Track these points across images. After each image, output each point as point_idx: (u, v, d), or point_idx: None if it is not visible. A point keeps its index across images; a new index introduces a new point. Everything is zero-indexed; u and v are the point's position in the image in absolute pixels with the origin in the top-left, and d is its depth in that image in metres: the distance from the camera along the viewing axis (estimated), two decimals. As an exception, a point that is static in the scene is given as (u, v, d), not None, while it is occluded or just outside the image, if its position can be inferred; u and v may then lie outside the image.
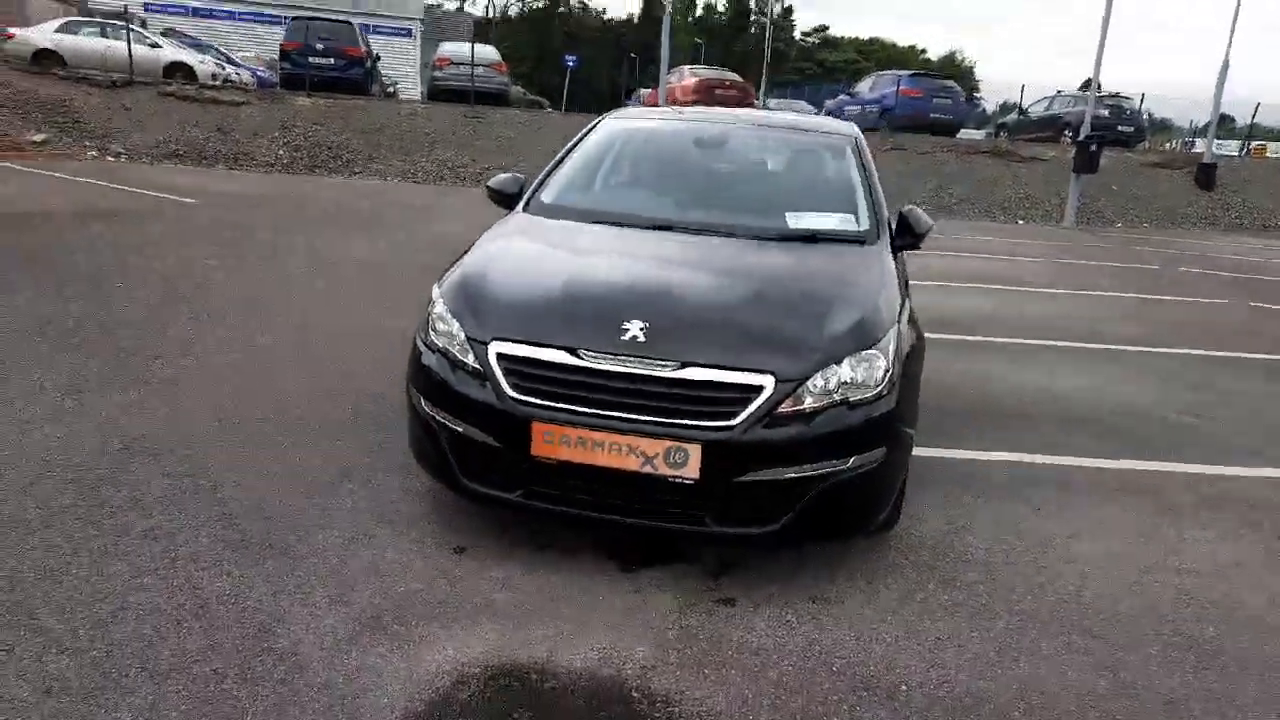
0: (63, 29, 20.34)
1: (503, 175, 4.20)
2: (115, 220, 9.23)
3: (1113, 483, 4.08)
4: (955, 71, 72.79)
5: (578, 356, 2.79)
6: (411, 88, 39.79)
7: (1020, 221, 17.95)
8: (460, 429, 2.91)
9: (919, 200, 18.40)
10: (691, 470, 2.70)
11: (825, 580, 3.00)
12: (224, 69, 21.64)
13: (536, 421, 2.77)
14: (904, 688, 2.46)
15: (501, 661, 2.44)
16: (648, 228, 3.69)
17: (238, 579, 2.74)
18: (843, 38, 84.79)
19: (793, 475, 2.75)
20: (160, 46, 20.88)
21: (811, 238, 3.66)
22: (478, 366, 2.89)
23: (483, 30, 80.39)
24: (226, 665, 2.33)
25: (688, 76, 21.29)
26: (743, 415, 2.71)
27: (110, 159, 14.90)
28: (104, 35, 20.32)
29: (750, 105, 20.86)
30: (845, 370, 2.84)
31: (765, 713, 2.31)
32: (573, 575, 2.91)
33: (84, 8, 35.64)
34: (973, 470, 4.07)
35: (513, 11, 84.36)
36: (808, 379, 2.77)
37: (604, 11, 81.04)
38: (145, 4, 43.59)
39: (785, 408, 2.74)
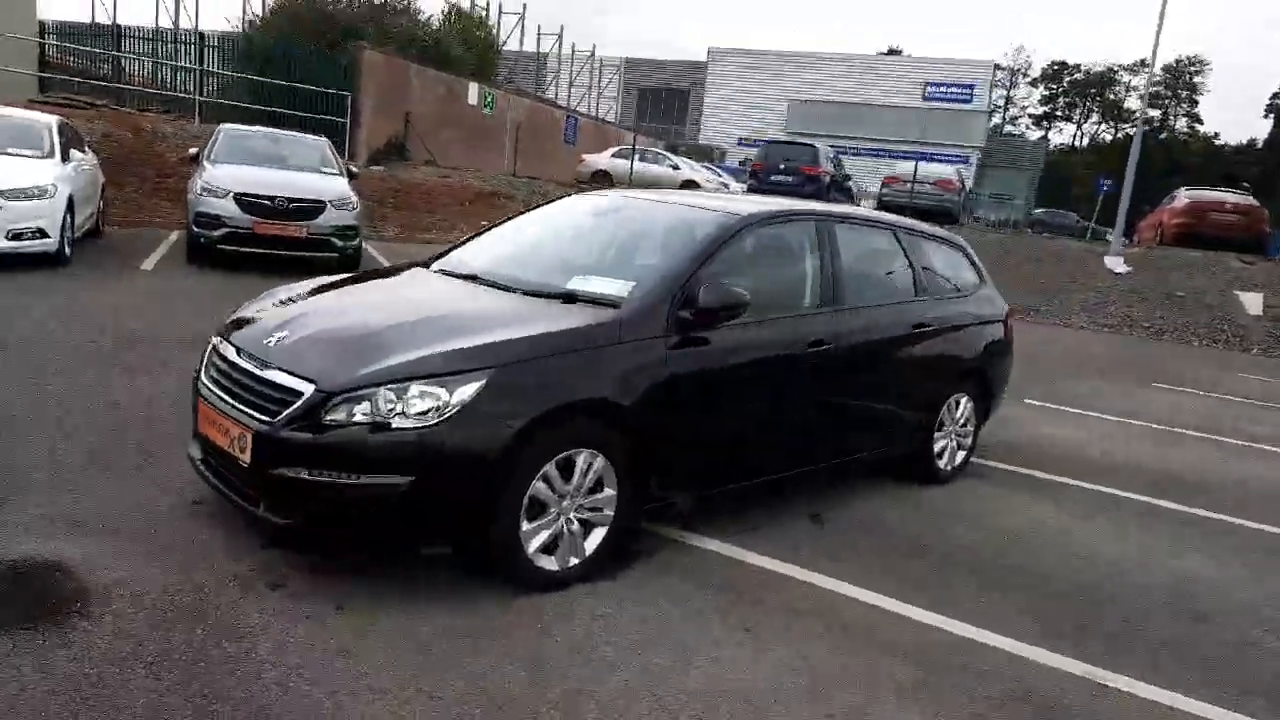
0: (614, 155, 25.66)
1: None
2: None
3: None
4: None
5: (240, 355, 3.47)
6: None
7: None
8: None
9: None
10: (246, 455, 3.18)
11: (367, 601, 3.14)
12: (728, 187, 24.90)
13: (200, 400, 3.52)
14: (246, 673, 2.66)
15: (57, 557, 3.21)
16: (456, 276, 4.14)
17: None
18: None
19: (306, 477, 3.05)
20: (679, 169, 24.97)
21: (569, 297, 3.73)
22: None
23: (1067, 155, 76.90)
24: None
25: (1180, 198, 18.25)
26: (283, 415, 3.11)
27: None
28: (642, 160, 25.17)
29: (1259, 233, 17.05)
30: (400, 397, 3.04)
31: (147, 658, 2.71)
32: (223, 531, 3.52)
33: (678, 144, 43.68)
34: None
35: (1106, 137, 79.17)
36: (345, 393, 3.06)
37: (1216, 135, 71.22)
38: (739, 140, 51.86)
39: (328, 417, 3.07)
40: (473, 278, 4.09)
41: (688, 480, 3.84)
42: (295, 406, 3.09)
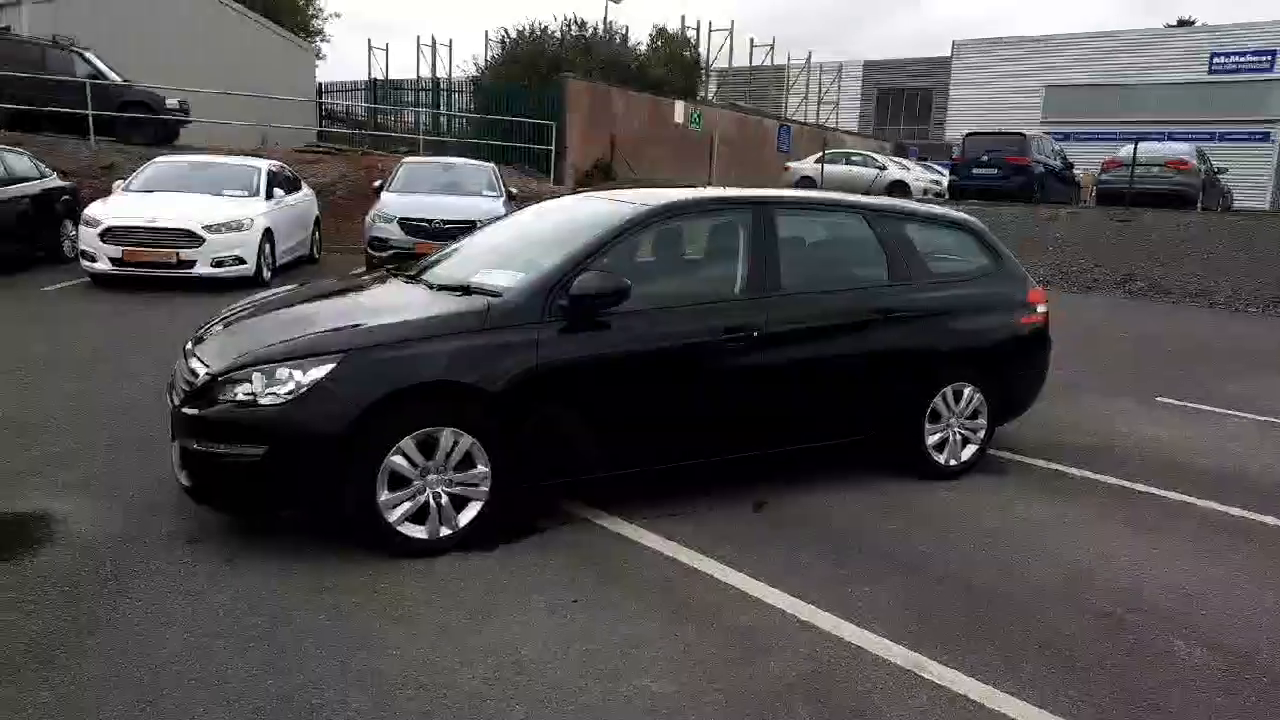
0: (817, 160, 25.26)
1: None
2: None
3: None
4: None
5: (186, 353, 4.08)
6: (1260, 199, 35.81)
7: None
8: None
9: None
10: (170, 431, 3.79)
11: (246, 562, 3.60)
12: (939, 184, 23.67)
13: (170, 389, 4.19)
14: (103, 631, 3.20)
15: (45, 510, 3.97)
16: (407, 278, 4.52)
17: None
18: None
19: (195, 448, 3.57)
20: (886, 169, 24.12)
21: (466, 289, 4.00)
22: None
23: None
24: None
25: None
26: (185, 395, 3.67)
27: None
28: (847, 163, 24.65)
29: None
30: (270, 377, 3.49)
31: (45, 590, 3.35)
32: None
33: (909, 144, 42.07)
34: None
35: None
36: (226, 375, 3.55)
37: None
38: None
39: (219, 396, 3.58)
40: (416, 278, 4.49)
41: (580, 461, 3.95)
42: (192, 388, 3.64)
